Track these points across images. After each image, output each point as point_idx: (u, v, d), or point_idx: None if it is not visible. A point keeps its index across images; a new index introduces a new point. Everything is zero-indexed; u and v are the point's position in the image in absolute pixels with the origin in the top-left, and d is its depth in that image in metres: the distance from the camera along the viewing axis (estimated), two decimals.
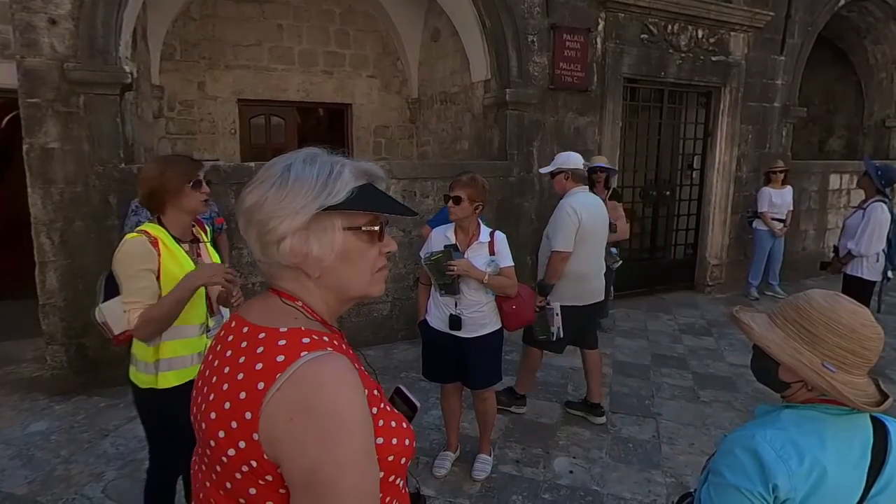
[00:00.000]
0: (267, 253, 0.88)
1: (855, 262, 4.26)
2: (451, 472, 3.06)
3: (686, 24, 6.01)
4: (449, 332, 2.83)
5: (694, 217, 6.95)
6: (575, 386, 4.20)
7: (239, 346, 0.85)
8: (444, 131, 6.89)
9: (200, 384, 0.92)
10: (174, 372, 1.99)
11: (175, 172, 1.97)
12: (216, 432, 0.81)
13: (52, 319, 3.86)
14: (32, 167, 3.69)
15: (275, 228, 0.85)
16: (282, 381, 0.77)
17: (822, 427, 1.07)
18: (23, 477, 2.96)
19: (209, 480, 0.87)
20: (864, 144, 8.70)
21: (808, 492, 1.03)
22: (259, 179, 0.88)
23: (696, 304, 6.48)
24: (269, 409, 0.76)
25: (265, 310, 0.89)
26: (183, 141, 6.64)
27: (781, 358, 1.11)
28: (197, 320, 2.03)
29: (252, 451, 0.78)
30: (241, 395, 0.79)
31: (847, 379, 1.06)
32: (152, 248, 1.90)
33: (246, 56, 6.80)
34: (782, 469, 1.03)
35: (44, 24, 3.60)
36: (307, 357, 0.79)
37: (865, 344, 1.07)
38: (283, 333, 0.83)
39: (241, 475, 0.80)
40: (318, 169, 0.87)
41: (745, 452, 1.07)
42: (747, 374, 4.48)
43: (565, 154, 3.62)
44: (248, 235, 0.90)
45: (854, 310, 1.09)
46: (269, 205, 0.85)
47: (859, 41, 8.25)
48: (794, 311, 1.13)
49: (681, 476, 3.08)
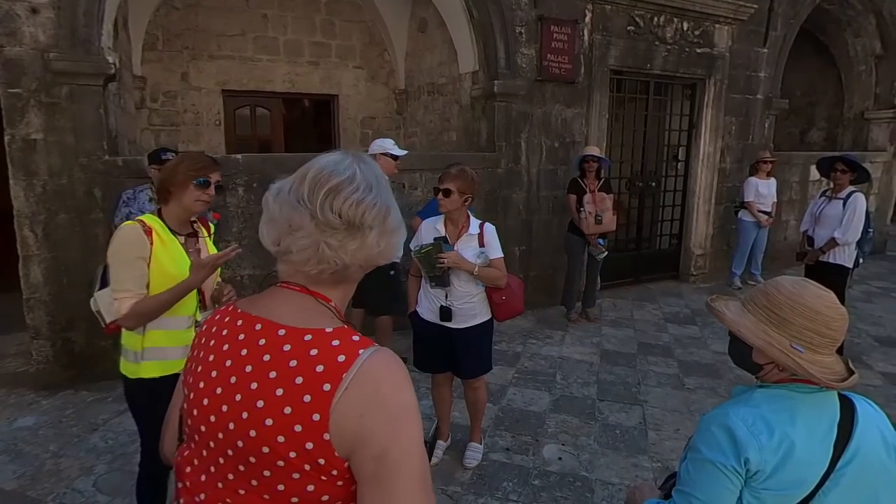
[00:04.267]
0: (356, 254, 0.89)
1: (837, 250, 4.36)
2: (443, 460, 3.10)
3: (672, 16, 6.06)
4: (440, 322, 2.86)
5: (679, 208, 7.04)
6: (563, 375, 4.26)
7: (280, 348, 0.84)
8: (432, 123, 6.88)
9: (205, 385, 0.90)
10: (158, 362, 1.98)
11: (185, 167, 1.98)
12: (273, 437, 0.80)
13: (37, 313, 3.81)
14: (14, 159, 3.62)
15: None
16: (348, 380, 0.79)
17: (793, 404, 1.14)
18: (11, 472, 2.94)
19: (244, 488, 0.85)
20: (843, 136, 8.86)
21: (778, 464, 1.09)
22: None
23: (680, 293, 6.58)
24: (339, 408, 0.78)
25: (298, 309, 0.88)
26: (167, 132, 6.56)
27: (751, 341, 1.18)
28: (185, 312, 2.02)
29: (321, 451, 0.79)
30: (304, 398, 0.79)
31: (814, 358, 1.13)
32: (145, 236, 1.90)
33: (230, 46, 6.71)
34: (753, 443, 1.10)
35: (25, 12, 3.52)
36: (365, 354, 0.82)
37: (830, 324, 1.14)
38: (332, 334, 0.84)
39: (301, 474, 0.81)
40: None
41: (720, 429, 1.14)
42: (730, 361, 4.56)
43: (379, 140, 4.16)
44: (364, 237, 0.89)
45: (818, 293, 1.16)
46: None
47: (840, 34, 8.37)
48: (763, 296, 1.20)
49: (667, 461, 3.16)
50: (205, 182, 1.99)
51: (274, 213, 0.88)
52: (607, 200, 5.08)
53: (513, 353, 4.66)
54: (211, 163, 2.05)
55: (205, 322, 0.98)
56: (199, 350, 0.94)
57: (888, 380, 4.30)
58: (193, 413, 0.90)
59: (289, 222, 0.86)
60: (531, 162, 5.61)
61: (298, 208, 0.86)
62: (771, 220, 6.65)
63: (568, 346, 4.86)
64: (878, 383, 4.23)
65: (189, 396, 0.92)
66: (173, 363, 1.98)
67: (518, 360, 4.54)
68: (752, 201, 6.55)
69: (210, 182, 2.01)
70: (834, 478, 1.10)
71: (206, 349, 0.92)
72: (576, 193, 5.14)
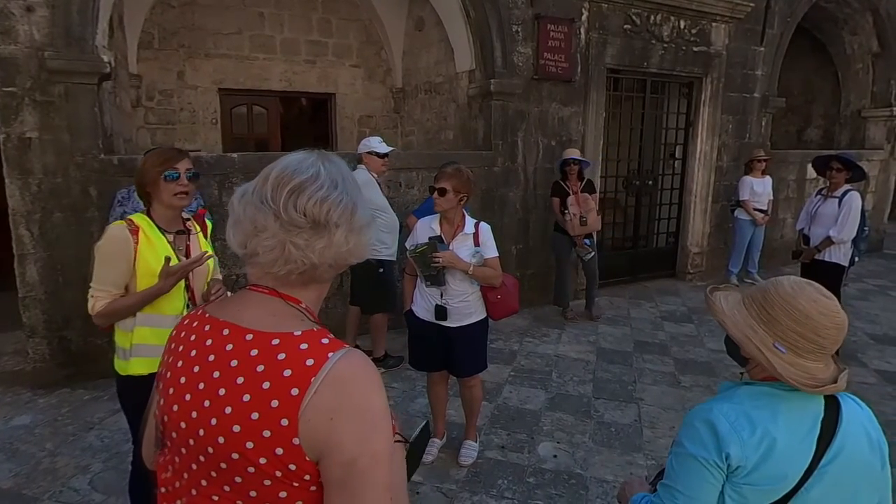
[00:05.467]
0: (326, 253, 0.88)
1: (833, 248, 4.37)
2: (438, 458, 3.10)
3: (668, 14, 6.06)
4: (435, 321, 2.86)
5: (676, 206, 7.05)
6: (559, 373, 4.27)
7: (247, 353, 0.83)
8: (429, 121, 6.88)
9: (174, 391, 0.89)
10: (144, 360, 1.97)
11: (150, 165, 1.96)
12: (241, 443, 0.79)
13: (34, 312, 3.81)
14: (10, 157, 3.62)
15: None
16: (317, 384, 0.78)
17: (776, 402, 1.15)
18: (8, 470, 2.94)
19: (217, 493, 0.84)
20: (840, 134, 8.87)
21: (759, 460, 1.10)
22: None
23: (677, 291, 6.60)
24: (308, 412, 0.78)
25: (266, 313, 0.87)
26: (163, 131, 6.54)
27: (732, 332, 1.20)
28: (172, 311, 2.00)
29: (292, 456, 0.78)
30: (272, 403, 0.78)
31: (795, 360, 1.12)
32: (130, 235, 1.91)
33: (226, 45, 6.70)
34: (735, 439, 1.10)
35: (20, 10, 3.51)
36: (334, 357, 0.81)
37: (819, 332, 1.12)
38: (300, 337, 0.83)
39: (273, 480, 0.80)
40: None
41: (703, 424, 1.15)
42: (726, 359, 4.58)
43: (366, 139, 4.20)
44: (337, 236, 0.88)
45: (815, 298, 1.13)
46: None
47: (837, 32, 8.38)
48: (760, 293, 1.20)
49: (661, 458, 3.16)
50: (173, 175, 1.95)
51: (239, 215, 0.87)
52: (590, 201, 5.12)
53: (509, 352, 4.67)
54: (175, 154, 2.00)
55: (174, 327, 0.97)
56: (169, 355, 0.94)
57: (882, 377, 4.32)
58: (164, 419, 0.90)
59: (253, 223, 0.85)
60: (528, 160, 5.62)
61: (262, 209, 0.85)
62: (767, 218, 6.66)
63: (564, 345, 4.87)
64: (873, 381, 4.25)
65: (160, 402, 0.92)
66: (158, 360, 1.98)
67: (514, 358, 4.55)
68: (748, 200, 6.56)
69: (179, 173, 1.96)
70: (817, 474, 1.10)
71: (176, 354, 0.92)
72: (559, 196, 5.18)
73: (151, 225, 1.98)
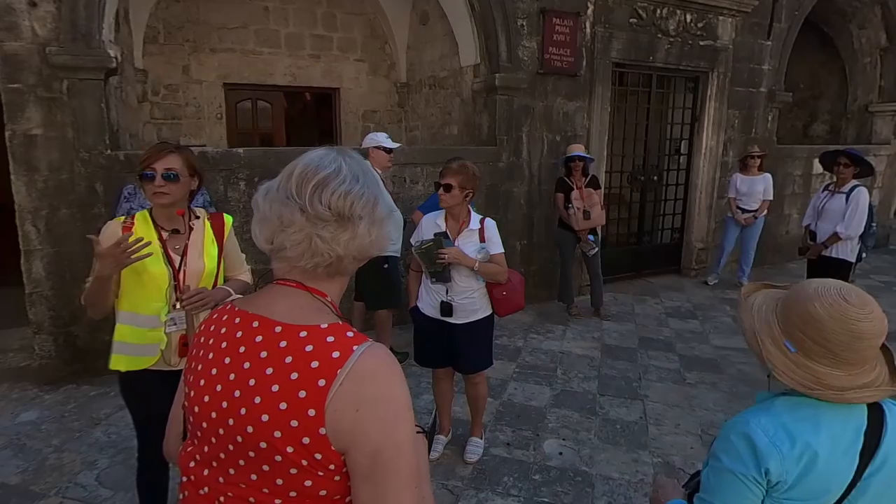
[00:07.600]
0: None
1: (840, 244, 4.34)
2: (444, 455, 3.11)
3: (675, 8, 6.01)
4: (440, 318, 2.85)
5: (681, 202, 7.02)
6: (564, 369, 4.26)
7: (276, 345, 0.86)
8: (433, 116, 6.85)
9: (205, 382, 0.91)
10: (124, 357, 1.98)
11: (138, 161, 1.97)
12: (270, 432, 0.82)
13: (40, 308, 3.82)
14: (15, 154, 3.62)
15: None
16: (343, 375, 0.81)
17: (817, 413, 1.10)
18: (15, 466, 2.96)
19: (244, 482, 0.87)
20: (847, 129, 8.80)
21: (800, 474, 1.06)
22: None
23: (682, 287, 6.57)
24: (334, 403, 0.80)
25: (294, 306, 0.90)
26: (168, 126, 6.54)
27: (744, 322, 1.18)
28: (147, 311, 1.96)
29: (318, 445, 0.81)
30: (300, 393, 0.81)
31: (803, 362, 1.09)
32: (120, 231, 1.92)
33: (231, 39, 6.68)
34: (774, 454, 1.06)
35: (24, 6, 3.50)
36: (359, 350, 0.84)
37: (828, 336, 1.06)
38: (327, 330, 0.86)
39: (299, 469, 0.83)
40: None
41: (740, 438, 1.11)
42: (731, 355, 4.58)
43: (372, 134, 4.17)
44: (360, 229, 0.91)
45: (834, 303, 1.07)
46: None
47: (845, 25, 8.29)
48: (788, 290, 1.19)
49: (667, 456, 3.16)
50: (149, 174, 1.91)
51: (265, 212, 0.89)
52: (595, 196, 5.11)
53: (514, 348, 4.67)
54: (154, 153, 1.94)
55: (203, 321, 1.00)
56: (199, 349, 0.96)
57: None
58: (195, 410, 0.92)
59: (280, 219, 0.87)
60: (533, 156, 5.60)
61: (288, 204, 0.87)
62: (751, 220, 6.27)
63: (569, 341, 4.86)
64: None
65: (190, 394, 0.94)
66: (138, 359, 1.98)
67: (519, 354, 4.55)
68: (732, 198, 6.39)
69: (155, 174, 1.90)
70: (860, 487, 1.07)
71: (206, 347, 0.94)
72: (563, 191, 5.16)
73: (148, 222, 1.99)
